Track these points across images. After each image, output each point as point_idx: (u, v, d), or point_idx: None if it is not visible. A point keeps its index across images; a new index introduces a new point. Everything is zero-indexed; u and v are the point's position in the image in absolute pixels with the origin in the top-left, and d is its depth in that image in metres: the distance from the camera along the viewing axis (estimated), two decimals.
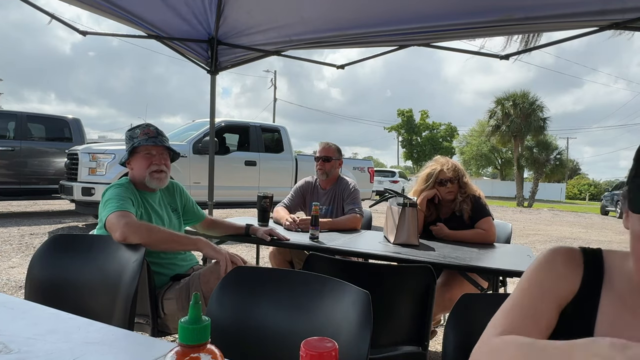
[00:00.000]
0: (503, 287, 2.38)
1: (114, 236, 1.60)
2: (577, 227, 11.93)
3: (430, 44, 2.97)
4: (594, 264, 0.76)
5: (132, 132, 1.94)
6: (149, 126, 1.95)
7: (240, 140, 7.94)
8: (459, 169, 2.56)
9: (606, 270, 0.76)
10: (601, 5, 2.24)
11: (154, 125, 1.96)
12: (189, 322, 0.49)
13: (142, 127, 1.94)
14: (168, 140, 1.99)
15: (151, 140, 1.90)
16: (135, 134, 1.92)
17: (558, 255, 0.78)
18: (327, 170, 2.94)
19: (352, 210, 2.79)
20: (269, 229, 2.25)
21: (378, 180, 17.65)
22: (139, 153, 1.90)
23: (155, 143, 1.91)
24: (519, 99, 24.43)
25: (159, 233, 1.70)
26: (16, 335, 0.85)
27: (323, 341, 0.50)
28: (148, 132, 1.92)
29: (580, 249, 0.79)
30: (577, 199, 45.72)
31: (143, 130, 1.92)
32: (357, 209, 2.80)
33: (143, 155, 1.90)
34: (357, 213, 2.78)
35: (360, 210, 2.81)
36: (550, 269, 0.77)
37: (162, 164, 1.92)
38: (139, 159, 1.90)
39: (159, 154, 1.92)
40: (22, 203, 9.41)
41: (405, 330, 1.67)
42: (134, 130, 1.94)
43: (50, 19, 2.78)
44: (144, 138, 1.90)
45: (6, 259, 4.42)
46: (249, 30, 3.16)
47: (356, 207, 2.81)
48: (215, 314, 1.11)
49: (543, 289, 0.76)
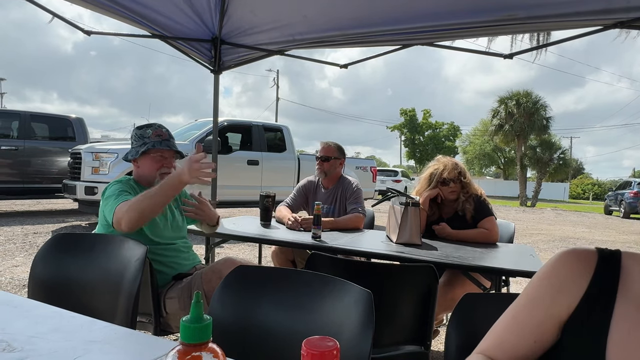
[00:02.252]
0: (506, 287, 2.38)
1: (122, 228, 1.63)
2: (580, 227, 11.89)
3: (433, 43, 2.96)
4: (608, 268, 0.69)
5: (143, 132, 1.95)
6: (161, 128, 1.97)
7: (243, 140, 7.95)
8: (462, 169, 2.56)
9: (622, 275, 0.68)
10: (605, 4, 2.23)
11: (165, 127, 1.99)
12: (190, 321, 0.49)
13: (154, 127, 1.96)
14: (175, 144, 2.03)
15: (165, 144, 1.93)
16: (147, 134, 1.93)
17: (566, 260, 0.72)
18: (325, 169, 2.93)
19: (355, 209, 2.79)
20: None
21: (381, 180, 17.63)
22: (151, 154, 1.92)
23: (169, 147, 1.94)
24: (522, 98, 24.38)
25: (146, 199, 1.65)
26: (19, 333, 0.86)
27: (324, 340, 0.50)
28: (161, 134, 1.95)
29: (597, 250, 0.73)
30: (581, 198, 45.54)
31: (155, 132, 1.94)
32: (359, 209, 2.80)
33: (155, 157, 1.92)
34: (359, 212, 2.78)
35: (363, 210, 2.81)
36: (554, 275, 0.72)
37: (172, 167, 1.96)
38: (149, 159, 1.92)
39: (170, 157, 1.96)
40: (25, 202, 9.44)
41: (407, 329, 1.67)
42: (145, 129, 1.95)
43: (52, 17, 2.79)
44: (157, 140, 1.92)
45: (10, 257, 4.44)
46: (252, 30, 3.16)
47: (359, 207, 2.81)
48: (217, 312, 1.11)
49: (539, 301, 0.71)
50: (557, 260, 0.73)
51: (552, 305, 0.70)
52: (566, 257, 0.72)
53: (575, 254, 0.72)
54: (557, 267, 0.72)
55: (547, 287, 0.72)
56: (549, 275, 0.73)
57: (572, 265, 0.71)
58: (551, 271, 0.73)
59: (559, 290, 0.70)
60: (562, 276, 0.71)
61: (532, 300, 0.73)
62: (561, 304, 0.70)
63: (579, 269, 0.70)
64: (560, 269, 0.72)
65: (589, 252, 0.72)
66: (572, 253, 0.73)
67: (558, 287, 0.70)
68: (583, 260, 0.71)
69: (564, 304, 0.70)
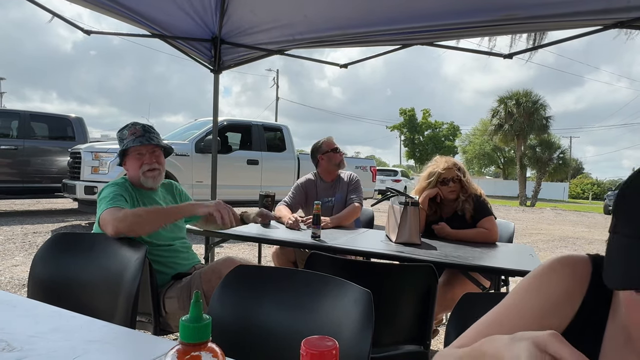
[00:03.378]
0: (505, 287, 2.38)
1: (108, 232, 1.60)
2: (580, 227, 11.89)
3: (434, 43, 2.96)
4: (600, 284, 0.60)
5: (121, 134, 1.93)
6: (135, 125, 1.92)
7: (243, 139, 7.95)
8: (461, 168, 2.56)
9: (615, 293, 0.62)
10: (605, 4, 2.23)
11: (140, 123, 1.94)
12: (189, 320, 0.49)
13: (129, 127, 1.92)
14: (158, 136, 1.96)
15: (138, 140, 1.89)
16: (124, 135, 1.91)
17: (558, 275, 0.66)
18: (341, 160, 3.05)
19: (351, 200, 2.91)
20: (259, 210, 2.14)
21: (380, 179, 17.63)
22: (130, 154, 1.90)
23: (142, 142, 1.89)
24: (522, 98, 24.39)
25: (148, 214, 1.68)
26: (19, 333, 0.86)
27: (324, 340, 0.50)
28: (135, 131, 1.90)
29: (591, 260, 0.65)
30: (580, 198, 45.58)
31: (130, 131, 1.90)
32: (355, 198, 2.91)
33: (134, 156, 1.89)
34: (355, 202, 2.88)
35: (359, 199, 2.92)
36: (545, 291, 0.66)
37: (154, 162, 1.90)
38: (130, 160, 1.90)
39: (149, 152, 1.91)
40: (25, 201, 9.44)
41: (407, 329, 1.67)
42: (122, 131, 1.93)
43: (52, 16, 2.78)
44: (131, 139, 1.89)
45: (9, 257, 4.44)
46: (252, 30, 3.16)
47: (355, 196, 2.92)
48: (217, 312, 1.11)
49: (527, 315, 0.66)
50: (549, 272, 0.67)
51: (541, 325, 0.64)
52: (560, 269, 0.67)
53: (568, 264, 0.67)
54: (548, 281, 0.67)
55: (537, 302, 0.66)
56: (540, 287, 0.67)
57: (565, 279, 0.65)
58: (542, 284, 0.67)
59: (550, 309, 0.65)
60: (554, 292, 0.66)
61: (519, 311, 0.67)
62: (551, 325, 0.64)
63: (573, 284, 0.65)
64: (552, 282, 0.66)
65: (582, 263, 0.66)
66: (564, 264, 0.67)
67: (550, 306, 0.65)
68: (577, 273, 0.65)
69: (554, 324, 0.65)
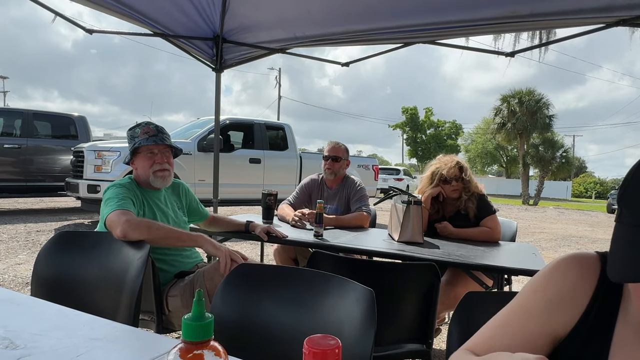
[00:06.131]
0: (508, 286, 2.37)
1: (115, 233, 1.60)
2: (583, 225, 11.86)
3: (436, 41, 2.96)
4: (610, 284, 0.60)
5: (132, 132, 1.93)
6: (148, 124, 1.94)
7: (245, 138, 7.95)
8: (464, 167, 2.55)
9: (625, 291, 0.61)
10: (607, 1, 2.22)
11: (153, 123, 1.95)
12: (192, 319, 0.49)
13: (142, 126, 1.93)
14: (169, 137, 1.98)
15: (152, 140, 1.90)
16: (136, 133, 1.92)
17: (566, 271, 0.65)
18: (335, 170, 2.93)
19: (360, 208, 2.80)
20: (267, 226, 2.23)
21: (382, 178, 17.61)
22: (141, 153, 1.90)
23: (155, 142, 1.90)
24: (524, 96, 24.31)
25: (159, 230, 1.70)
26: (22, 331, 0.86)
27: (326, 338, 0.50)
28: (148, 130, 1.91)
29: (600, 257, 0.64)
30: (583, 197, 45.42)
31: (143, 130, 1.91)
32: (364, 207, 2.81)
33: (145, 155, 1.89)
34: (364, 211, 2.79)
35: (368, 209, 2.82)
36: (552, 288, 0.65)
37: (165, 162, 1.92)
38: (141, 158, 1.90)
39: (160, 152, 1.92)
40: (28, 200, 9.48)
41: (409, 328, 1.67)
42: (134, 129, 1.93)
43: (55, 16, 2.79)
44: (144, 137, 1.89)
45: (13, 255, 4.46)
46: (253, 28, 3.16)
47: (363, 206, 2.82)
48: (219, 311, 1.11)
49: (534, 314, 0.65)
50: (556, 270, 0.66)
51: (549, 322, 0.65)
52: (566, 268, 0.66)
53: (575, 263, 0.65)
54: (556, 279, 0.66)
55: (544, 300, 0.66)
56: (547, 286, 0.66)
57: (573, 277, 0.64)
58: (549, 282, 0.66)
59: (557, 306, 0.64)
60: (561, 291, 0.64)
61: (526, 311, 0.67)
62: (558, 322, 0.64)
63: (580, 282, 0.64)
64: (559, 280, 0.65)
65: (591, 261, 0.64)
66: (572, 262, 0.66)
67: (556, 303, 0.64)
68: (585, 271, 0.64)
69: (560, 321, 0.64)
